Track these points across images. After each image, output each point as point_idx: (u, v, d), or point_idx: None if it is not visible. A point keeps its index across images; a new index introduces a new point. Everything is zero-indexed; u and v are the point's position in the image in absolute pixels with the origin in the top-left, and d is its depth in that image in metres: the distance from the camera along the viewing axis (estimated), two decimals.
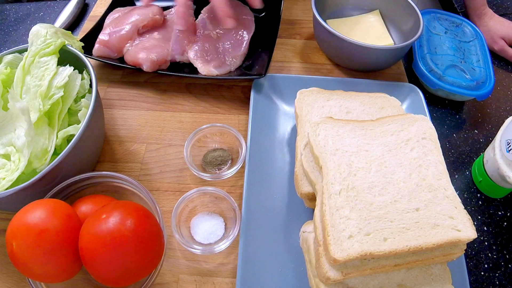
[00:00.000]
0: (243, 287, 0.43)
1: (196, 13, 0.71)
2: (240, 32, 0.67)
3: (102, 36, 0.65)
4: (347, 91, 0.57)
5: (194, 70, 0.63)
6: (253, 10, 0.71)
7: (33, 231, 0.36)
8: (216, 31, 0.67)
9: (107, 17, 0.70)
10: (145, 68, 0.61)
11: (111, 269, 0.37)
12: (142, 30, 0.67)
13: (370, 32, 0.71)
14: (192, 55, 0.64)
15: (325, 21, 0.63)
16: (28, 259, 0.36)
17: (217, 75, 0.62)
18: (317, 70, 0.69)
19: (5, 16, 0.82)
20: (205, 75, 0.62)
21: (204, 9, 0.70)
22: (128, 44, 0.65)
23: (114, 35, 0.64)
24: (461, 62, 0.65)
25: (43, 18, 0.82)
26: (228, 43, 0.66)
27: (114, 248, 0.36)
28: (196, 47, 0.64)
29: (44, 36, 0.51)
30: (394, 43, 0.70)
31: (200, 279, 0.45)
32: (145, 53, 0.62)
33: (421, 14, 0.74)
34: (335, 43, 0.63)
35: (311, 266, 0.41)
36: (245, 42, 0.66)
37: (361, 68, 0.67)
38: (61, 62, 0.51)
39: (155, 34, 0.67)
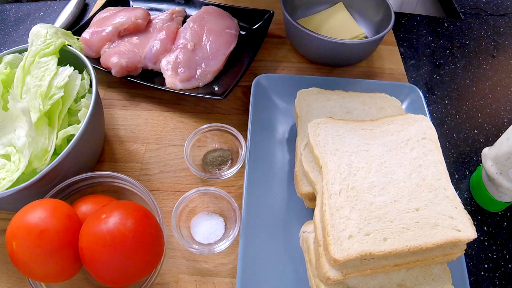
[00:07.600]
0: (243, 287, 0.43)
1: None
2: (218, 47, 0.64)
3: (85, 35, 0.64)
4: (347, 91, 0.58)
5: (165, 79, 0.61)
6: (246, 22, 0.70)
7: (33, 231, 0.36)
8: (194, 42, 0.63)
9: (96, 15, 0.69)
10: (114, 72, 0.60)
11: (111, 269, 0.37)
12: (124, 33, 0.66)
13: (339, 25, 0.71)
14: (164, 65, 0.62)
15: (296, 21, 0.62)
16: (28, 259, 0.36)
17: (180, 90, 0.59)
18: (317, 70, 0.69)
19: (5, 16, 0.82)
20: (168, 88, 0.60)
21: (190, 17, 0.68)
22: (106, 46, 0.64)
23: (95, 35, 0.64)
24: None
25: (43, 18, 0.82)
26: (204, 57, 0.63)
27: (114, 248, 0.36)
28: (169, 58, 0.62)
29: (44, 36, 0.51)
30: (366, 34, 0.71)
31: (200, 279, 0.45)
32: (117, 57, 0.60)
33: None
34: (309, 41, 0.62)
35: (311, 266, 0.41)
36: (220, 59, 0.63)
37: (336, 63, 0.67)
38: (61, 62, 0.51)
39: (134, 39, 0.65)
